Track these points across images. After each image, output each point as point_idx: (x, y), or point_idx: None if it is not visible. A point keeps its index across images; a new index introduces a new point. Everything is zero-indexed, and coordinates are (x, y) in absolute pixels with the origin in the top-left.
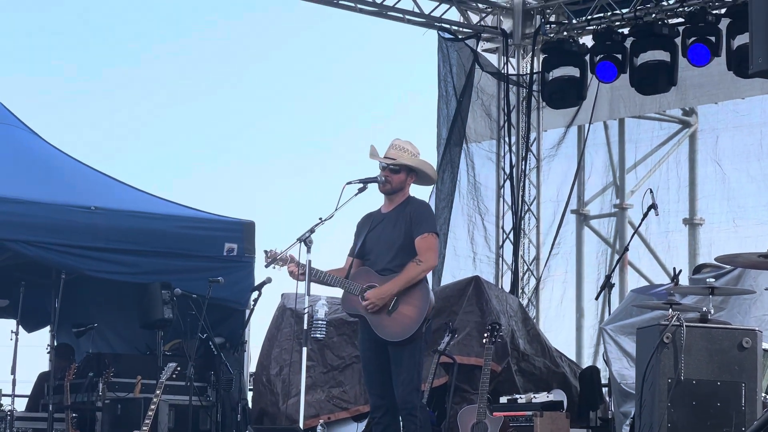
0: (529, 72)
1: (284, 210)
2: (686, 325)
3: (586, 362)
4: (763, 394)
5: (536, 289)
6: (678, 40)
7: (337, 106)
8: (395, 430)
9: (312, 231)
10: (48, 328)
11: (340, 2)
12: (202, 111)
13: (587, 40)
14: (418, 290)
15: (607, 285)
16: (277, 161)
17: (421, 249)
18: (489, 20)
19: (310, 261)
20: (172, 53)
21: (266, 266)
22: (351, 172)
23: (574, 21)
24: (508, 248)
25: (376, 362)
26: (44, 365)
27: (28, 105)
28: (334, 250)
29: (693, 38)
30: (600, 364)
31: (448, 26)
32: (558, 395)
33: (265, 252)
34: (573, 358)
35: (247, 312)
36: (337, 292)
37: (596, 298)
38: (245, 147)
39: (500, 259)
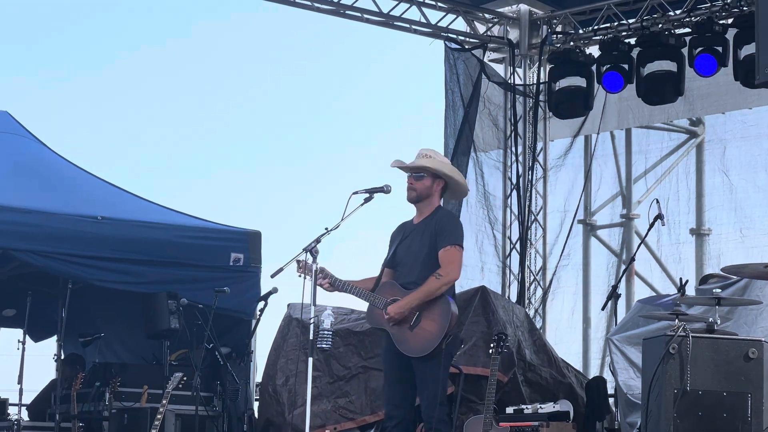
0: (535, 82)
1: (291, 220)
2: (692, 336)
3: (593, 372)
4: None
5: (543, 299)
6: (685, 51)
7: (344, 116)
8: None
9: (318, 241)
10: (55, 337)
11: (346, 12)
12: (210, 120)
13: (594, 50)
14: (440, 305)
15: (613, 295)
16: (284, 171)
17: (443, 262)
18: (496, 30)
19: (328, 276)
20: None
21: (273, 275)
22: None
23: (581, 31)
24: (515, 258)
25: (398, 374)
26: (51, 375)
27: (32, 107)
28: (341, 260)
29: (700, 48)
30: (606, 375)
31: (454, 36)
32: (564, 406)
33: (297, 262)
34: (579, 368)
35: (253, 322)
36: (344, 302)
37: (603, 309)
38: (253, 157)
39: (507, 269)
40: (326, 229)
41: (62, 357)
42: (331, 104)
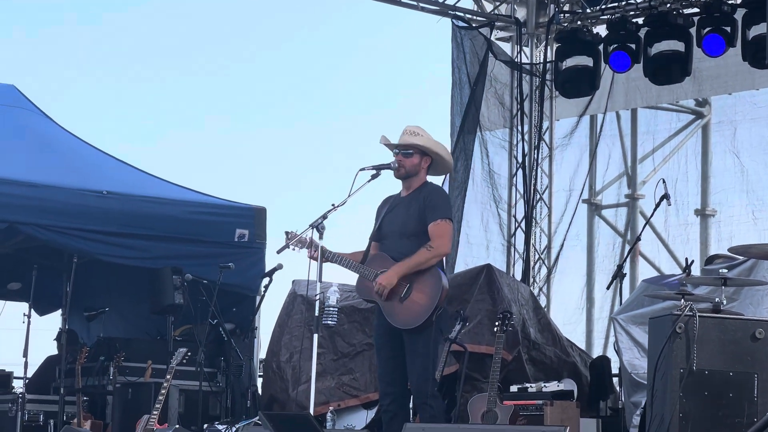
0: (542, 61)
1: (296, 196)
2: (699, 316)
3: (597, 352)
4: None
5: (547, 278)
6: (693, 30)
7: (349, 93)
8: (404, 418)
9: (324, 217)
10: (59, 311)
11: None
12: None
13: (601, 30)
14: (430, 277)
15: (618, 275)
16: (290, 147)
17: (433, 235)
18: (503, 9)
19: (322, 247)
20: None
21: (279, 251)
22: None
23: (588, 10)
24: (520, 237)
25: (389, 349)
26: (53, 349)
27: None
28: (347, 237)
29: (708, 28)
30: (611, 354)
31: (462, 14)
32: (568, 384)
33: (286, 233)
34: (583, 347)
35: (258, 298)
36: (349, 279)
37: (607, 288)
38: (258, 133)
39: (512, 247)
40: (333, 205)
41: (65, 330)
42: (337, 80)
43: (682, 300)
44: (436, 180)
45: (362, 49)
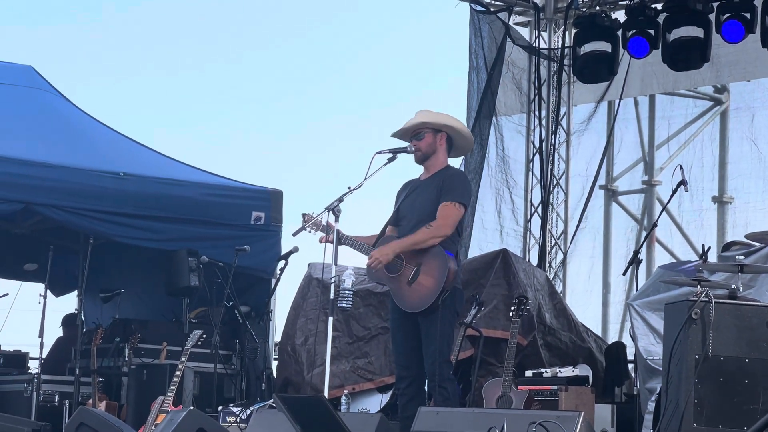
0: (560, 46)
1: (313, 179)
2: (715, 302)
3: (612, 338)
4: None
5: (563, 263)
6: (712, 17)
7: (369, 76)
8: (420, 401)
9: (340, 200)
10: (75, 292)
11: None
12: (234, 79)
13: (620, 15)
14: (438, 260)
15: (634, 261)
16: (307, 131)
17: (438, 215)
18: None
19: (337, 230)
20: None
21: (295, 234)
22: (381, 143)
23: None
24: (536, 222)
25: (403, 332)
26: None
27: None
28: (363, 220)
29: (727, 14)
30: (626, 340)
31: None
32: (583, 370)
33: (303, 215)
34: (599, 333)
35: (273, 281)
36: (365, 263)
37: (623, 274)
38: (276, 116)
39: (528, 232)
40: (349, 188)
41: (81, 313)
42: (355, 64)
43: (698, 286)
44: (455, 163)
45: (381, 36)
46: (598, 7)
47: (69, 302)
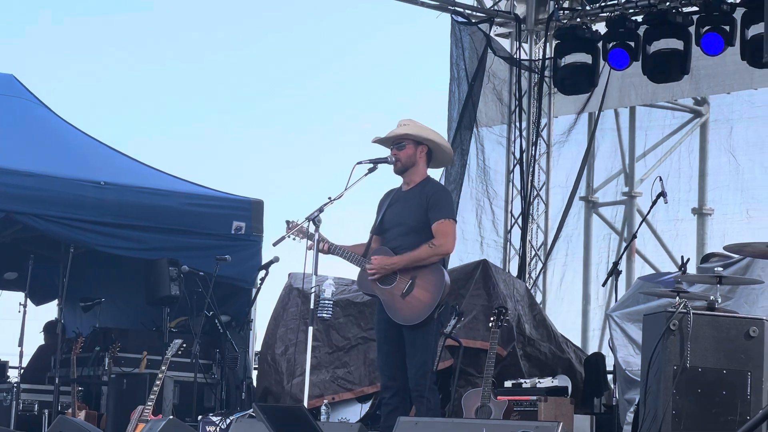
0: (541, 57)
1: (293, 189)
2: (693, 313)
3: (592, 348)
4: None
5: (543, 274)
6: (692, 29)
7: (349, 86)
8: (403, 411)
9: (321, 210)
10: (55, 301)
11: None
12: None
13: (600, 27)
14: (433, 275)
15: (614, 272)
16: (288, 140)
17: (438, 233)
18: (502, 5)
19: (318, 240)
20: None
21: (276, 243)
22: (361, 153)
23: (588, 7)
24: (516, 233)
25: (390, 343)
26: (42, 339)
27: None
28: (343, 229)
29: (707, 27)
30: (605, 351)
31: (461, 10)
32: (563, 381)
33: (287, 222)
34: (578, 344)
35: (254, 291)
36: (345, 272)
37: (603, 285)
38: (256, 125)
39: (508, 243)
40: (329, 198)
41: (60, 320)
42: (336, 74)
43: (677, 297)
44: (435, 174)
45: (361, 44)
46: (578, 19)
47: (49, 311)
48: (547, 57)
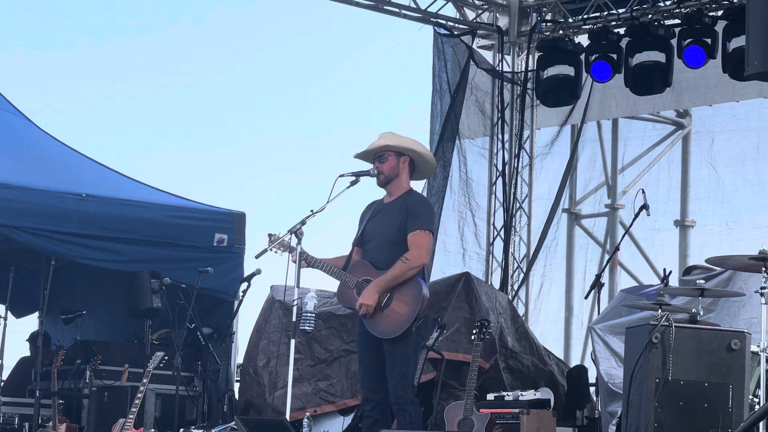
0: (523, 70)
1: (276, 202)
2: (675, 326)
3: (574, 361)
4: (751, 396)
5: (526, 286)
6: (674, 42)
7: (331, 98)
8: (384, 424)
9: (303, 223)
10: (36, 314)
11: None
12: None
13: (583, 40)
14: (412, 288)
15: (596, 284)
16: (271, 152)
17: (411, 246)
18: (485, 17)
19: (301, 252)
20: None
21: (258, 256)
22: (343, 165)
23: (570, 20)
24: (499, 245)
25: (371, 356)
26: (26, 351)
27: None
28: (326, 243)
29: (689, 40)
30: (588, 363)
31: (444, 22)
32: (545, 393)
33: (269, 235)
34: (561, 356)
35: (236, 303)
36: (327, 285)
37: (585, 298)
38: (238, 137)
39: (490, 256)
40: (312, 211)
41: (41, 333)
42: (318, 85)
43: (659, 310)
44: (417, 186)
45: (344, 57)
46: (561, 32)
47: (30, 324)
48: (529, 69)
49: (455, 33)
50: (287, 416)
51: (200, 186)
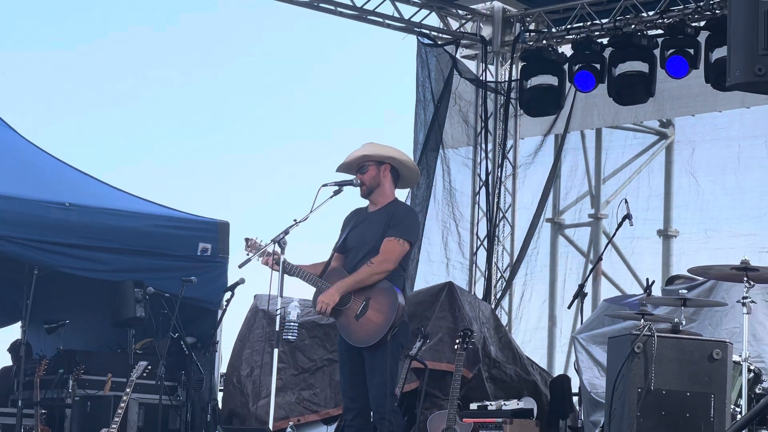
0: (507, 79)
1: (259, 211)
2: (657, 336)
3: (558, 370)
4: (732, 406)
5: (509, 296)
6: (657, 52)
7: (314, 107)
8: None
9: (286, 233)
10: (19, 323)
11: (320, 5)
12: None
13: (566, 49)
14: (387, 296)
15: (579, 294)
16: (254, 162)
17: (381, 251)
18: (468, 27)
19: (284, 262)
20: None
21: (241, 266)
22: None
23: (554, 30)
24: (482, 255)
25: (351, 365)
26: (7, 360)
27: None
28: (308, 252)
29: (672, 50)
30: (571, 373)
31: (427, 32)
32: (528, 403)
33: (246, 240)
34: (544, 366)
35: (220, 312)
36: (311, 295)
37: (569, 307)
38: (222, 146)
39: (474, 265)
40: (295, 220)
41: (24, 342)
42: (301, 95)
43: (642, 320)
44: (401, 195)
45: (327, 66)
46: (544, 41)
47: (12, 333)
48: (513, 79)
49: (439, 42)
50: (270, 425)
51: (184, 195)
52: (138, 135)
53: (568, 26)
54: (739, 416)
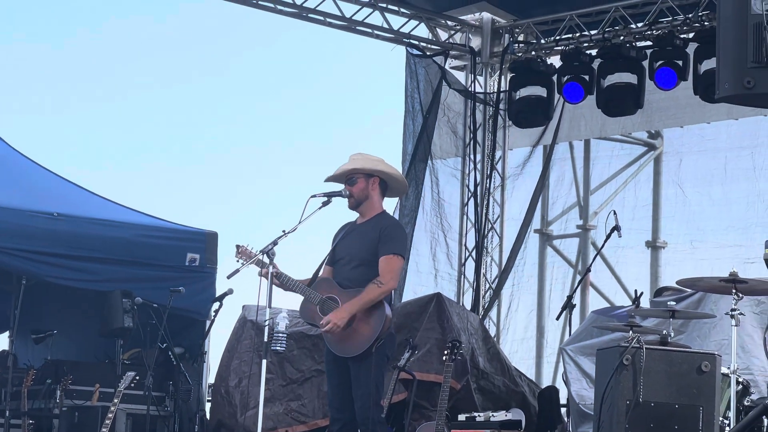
0: (496, 90)
1: (248, 221)
2: (646, 348)
3: (546, 382)
4: (721, 418)
5: (497, 307)
6: (645, 63)
7: (303, 117)
8: None
9: (275, 243)
10: (6, 333)
11: (309, 15)
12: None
13: (555, 61)
14: (374, 308)
15: (568, 305)
16: (244, 172)
17: (383, 270)
18: (457, 38)
19: (272, 273)
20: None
21: (230, 276)
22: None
23: (543, 41)
24: (471, 266)
25: (338, 375)
26: None
27: None
28: (298, 263)
29: (660, 62)
30: (559, 384)
31: (416, 42)
32: (516, 414)
33: (237, 246)
34: (533, 377)
35: (208, 323)
36: (299, 306)
37: (557, 319)
38: (210, 157)
39: (462, 276)
40: (283, 231)
41: (11, 353)
42: (290, 107)
43: (630, 332)
44: (389, 205)
45: (315, 77)
46: (533, 53)
47: (0, 343)
48: (501, 90)
49: (428, 53)
50: None
51: (172, 205)
52: (137, 135)
53: (557, 37)
54: (727, 429)
